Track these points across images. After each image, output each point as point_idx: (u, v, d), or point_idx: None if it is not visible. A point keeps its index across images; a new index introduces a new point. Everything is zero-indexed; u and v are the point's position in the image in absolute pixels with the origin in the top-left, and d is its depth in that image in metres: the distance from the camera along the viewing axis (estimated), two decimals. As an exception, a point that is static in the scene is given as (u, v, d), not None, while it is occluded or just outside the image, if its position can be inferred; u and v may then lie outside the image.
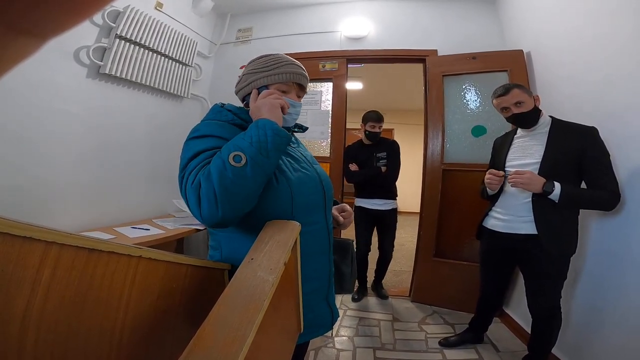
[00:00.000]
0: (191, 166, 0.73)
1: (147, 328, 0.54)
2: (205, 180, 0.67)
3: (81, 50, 1.82)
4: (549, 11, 2.02)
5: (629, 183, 1.38)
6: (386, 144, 2.54)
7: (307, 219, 0.83)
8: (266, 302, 0.49)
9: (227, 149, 0.70)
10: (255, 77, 0.87)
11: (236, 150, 0.69)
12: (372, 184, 2.48)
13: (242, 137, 0.72)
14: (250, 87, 0.87)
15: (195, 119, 2.81)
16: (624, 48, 1.44)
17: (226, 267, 0.80)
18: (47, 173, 1.68)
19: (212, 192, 0.66)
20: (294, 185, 0.82)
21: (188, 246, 2.61)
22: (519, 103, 1.47)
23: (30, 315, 0.35)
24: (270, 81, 0.86)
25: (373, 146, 2.53)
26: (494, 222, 1.62)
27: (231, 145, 0.71)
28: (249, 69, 0.89)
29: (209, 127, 0.80)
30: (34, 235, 0.36)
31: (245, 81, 0.88)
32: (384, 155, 2.48)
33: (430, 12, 2.75)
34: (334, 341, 1.98)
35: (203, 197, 0.67)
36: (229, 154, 0.69)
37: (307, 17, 2.94)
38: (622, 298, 1.38)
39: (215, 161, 0.69)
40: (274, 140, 0.73)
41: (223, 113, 0.86)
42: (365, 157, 2.52)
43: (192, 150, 0.75)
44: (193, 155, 0.74)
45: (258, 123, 0.74)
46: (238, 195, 0.68)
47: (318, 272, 0.90)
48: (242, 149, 0.69)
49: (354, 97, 5.71)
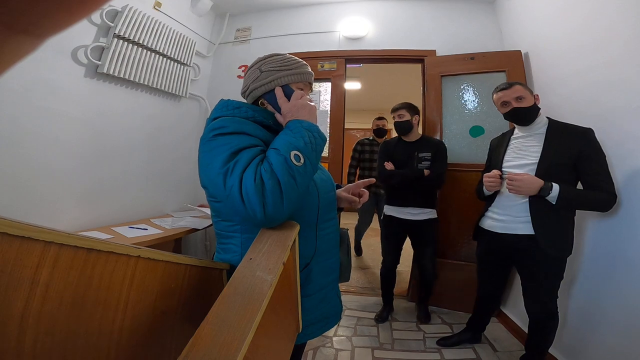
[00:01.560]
0: (241, 163, 0.69)
1: (146, 328, 0.53)
2: (270, 177, 0.67)
3: (79, 49, 1.81)
4: (547, 13, 2.02)
5: (625, 184, 1.39)
6: (431, 143, 2.13)
7: (327, 216, 0.90)
8: (265, 301, 0.49)
9: (286, 146, 0.71)
10: (278, 75, 0.86)
11: (295, 150, 0.71)
12: (409, 189, 2.10)
13: (294, 137, 0.74)
14: (273, 85, 0.86)
15: (194, 118, 2.81)
16: (622, 50, 1.45)
17: (225, 267, 0.80)
18: (44, 173, 1.67)
19: (279, 188, 0.67)
20: (319, 185, 0.86)
21: (186, 246, 2.61)
22: (520, 98, 1.48)
23: (28, 315, 0.35)
24: (293, 80, 0.87)
25: (415, 144, 2.14)
26: (491, 222, 1.62)
27: (287, 143, 0.72)
28: (268, 67, 0.87)
29: (238, 124, 0.77)
30: (33, 235, 0.36)
31: (266, 78, 0.87)
32: (428, 156, 2.07)
33: (429, 12, 2.75)
34: (332, 341, 1.98)
35: (268, 194, 0.66)
36: (290, 151, 0.70)
37: (306, 17, 2.94)
38: (618, 298, 1.38)
39: (276, 159, 0.69)
40: (318, 142, 0.77)
41: (242, 109, 0.83)
42: (405, 157, 2.13)
43: (230, 146, 0.71)
44: (235, 152, 0.71)
45: (303, 124, 0.77)
46: (298, 193, 0.70)
47: (334, 264, 0.96)
48: (299, 149, 0.72)
49: (353, 97, 5.72)
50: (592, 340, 1.48)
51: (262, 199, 0.66)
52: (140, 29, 2.05)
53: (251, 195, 0.65)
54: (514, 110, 1.50)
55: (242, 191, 0.66)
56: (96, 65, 1.89)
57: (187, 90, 2.57)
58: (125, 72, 2.02)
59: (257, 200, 0.65)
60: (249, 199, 0.65)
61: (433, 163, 2.06)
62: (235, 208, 0.68)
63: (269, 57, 0.90)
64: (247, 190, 0.66)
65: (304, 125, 0.76)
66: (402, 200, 2.16)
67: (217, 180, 0.69)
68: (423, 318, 2.22)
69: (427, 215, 2.11)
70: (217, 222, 0.85)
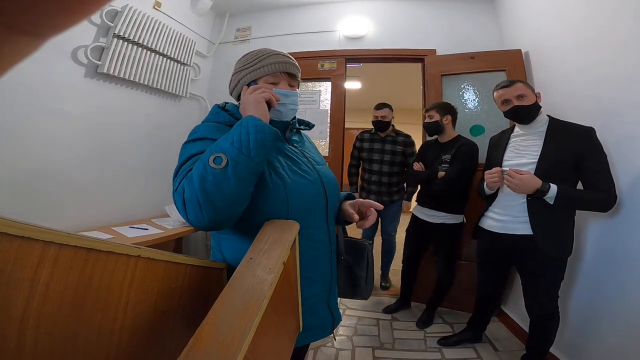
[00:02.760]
0: (181, 172, 0.72)
1: (146, 328, 0.53)
2: (188, 185, 0.67)
3: (79, 49, 1.81)
4: (547, 11, 2.02)
5: (626, 184, 1.39)
6: (456, 144, 2.01)
7: (309, 223, 0.82)
8: (265, 301, 0.49)
9: (210, 151, 0.69)
10: (241, 75, 0.86)
11: (217, 152, 0.67)
12: (428, 191, 2.09)
13: (225, 138, 0.70)
14: (240, 86, 0.86)
15: (194, 118, 2.81)
16: (622, 48, 1.44)
17: (225, 266, 0.80)
18: (44, 173, 1.67)
19: (195, 196, 0.65)
20: (290, 188, 0.79)
21: (187, 246, 2.61)
22: (521, 96, 1.47)
23: (28, 315, 0.35)
24: (257, 75, 0.84)
25: (444, 145, 2.08)
26: (491, 222, 1.62)
27: (213, 147, 0.69)
28: (235, 69, 0.89)
29: (205, 130, 0.79)
30: (32, 235, 0.36)
31: (234, 81, 0.89)
32: (448, 158, 1.99)
33: (429, 11, 2.75)
34: (333, 341, 1.98)
35: (187, 202, 0.66)
36: (210, 156, 0.67)
37: (306, 17, 2.94)
38: (619, 298, 1.38)
39: (197, 165, 0.68)
40: (256, 137, 0.69)
41: (220, 114, 0.85)
42: (432, 158, 2.10)
43: (184, 155, 0.75)
44: (184, 160, 0.74)
45: (242, 121, 0.72)
46: (221, 198, 0.65)
47: (324, 277, 0.88)
48: (224, 150, 0.67)
49: (353, 97, 5.72)
50: (594, 340, 1.48)
51: (184, 207, 0.67)
52: (140, 28, 2.05)
53: (176, 202, 0.69)
54: (515, 108, 1.49)
55: (174, 199, 0.70)
56: (96, 65, 1.89)
57: (187, 90, 2.57)
58: (126, 72, 2.02)
59: (181, 208, 0.68)
60: (177, 206, 0.69)
61: (450, 165, 1.98)
62: None
63: (241, 57, 0.90)
64: (175, 198, 0.70)
65: (242, 123, 0.71)
66: (422, 201, 2.17)
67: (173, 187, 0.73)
68: (422, 322, 2.18)
69: (442, 219, 2.04)
70: None
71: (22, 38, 0.13)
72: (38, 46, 0.14)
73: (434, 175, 1.99)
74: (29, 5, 0.11)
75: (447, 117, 2.06)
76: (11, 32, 0.12)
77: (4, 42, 0.12)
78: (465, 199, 2.08)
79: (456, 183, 1.94)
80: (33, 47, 0.14)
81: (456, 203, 2.04)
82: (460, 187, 1.98)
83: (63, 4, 0.12)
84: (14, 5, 0.11)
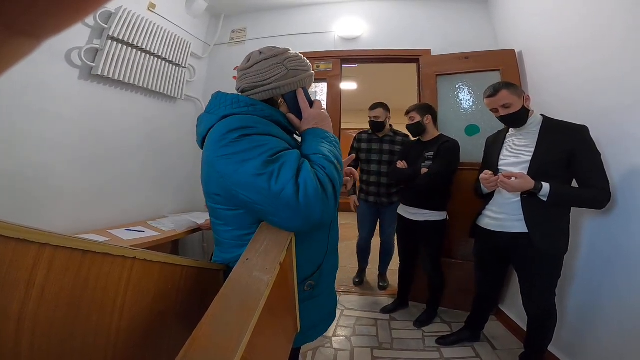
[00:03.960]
0: (290, 165, 0.65)
1: (143, 329, 0.53)
2: (329, 181, 0.68)
3: (73, 51, 1.80)
4: (540, 11, 2.04)
5: (621, 182, 1.40)
6: (439, 142, 2.07)
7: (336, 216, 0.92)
8: (262, 302, 0.49)
9: (330, 154, 0.74)
10: (303, 76, 0.85)
11: (336, 158, 0.75)
12: (411, 189, 2.11)
13: (331, 146, 0.77)
14: (297, 85, 0.84)
15: (190, 120, 2.80)
16: (615, 47, 1.46)
17: (222, 267, 0.80)
18: (38, 176, 1.66)
19: (334, 194, 0.69)
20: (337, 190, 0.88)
21: (183, 248, 2.60)
22: (506, 105, 1.49)
23: (25, 316, 0.35)
24: (310, 82, 0.89)
25: (426, 144, 2.13)
26: (488, 221, 1.63)
27: (329, 151, 0.75)
28: (294, 65, 0.83)
29: (263, 125, 0.72)
30: (27, 237, 0.36)
31: (294, 77, 0.83)
32: (431, 155, 2.04)
33: (424, 12, 2.77)
34: (332, 341, 1.98)
35: (329, 198, 0.67)
36: (334, 160, 0.73)
37: (301, 18, 2.95)
38: (614, 295, 1.39)
39: (328, 165, 0.71)
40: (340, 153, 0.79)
41: (258, 107, 0.78)
42: (415, 156, 2.15)
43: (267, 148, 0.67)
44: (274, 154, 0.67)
45: (330, 135, 0.81)
46: (337, 200, 0.71)
47: (337, 260, 0.98)
48: (338, 158, 0.75)
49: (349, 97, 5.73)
50: (591, 337, 1.49)
51: (323, 204, 0.65)
52: (135, 30, 2.04)
53: (312, 198, 0.63)
54: (502, 118, 1.53)
55: (301, 194, 0.62)
56: (90, 67, 1.88)
57: (182, 91, 2.57)
58: (120, 74, 2.01)
59: (318, 204, 0.64)
60: (309, 203, 0.63)
61: (433, 162, 2.02)
62: (281, 212, 0.64)
63: (287, 52, 0.85)
64: (308, 193, 0.63)
65: (331, 136, 0.81)
66: (405, 200, 2.21)
67: (256, 185, 0.64)
68: (420, 322, 2.18)
69: (425, 217, 2.08)
70: (226, 232, 0.79)
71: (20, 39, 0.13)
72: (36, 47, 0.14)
73: (417, 172, 2.04)
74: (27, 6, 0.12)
75: (427, 116, 2.12)
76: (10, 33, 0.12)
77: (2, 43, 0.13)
78: (448, 196, 2.12)
79: (439, 179, 1.99)
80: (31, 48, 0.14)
81: (438, 200, 2.08)
82: (443, 183, 2.03)
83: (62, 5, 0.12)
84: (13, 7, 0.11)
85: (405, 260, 2.33)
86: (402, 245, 2.32)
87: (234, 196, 0.69)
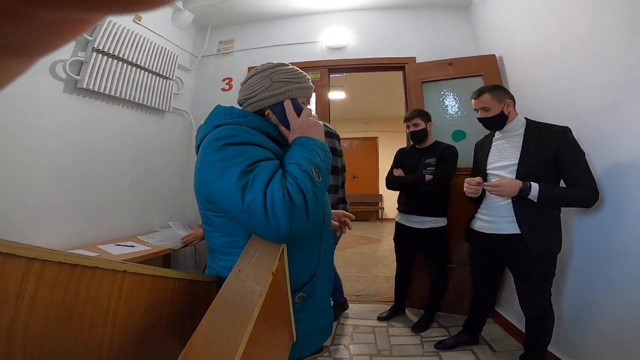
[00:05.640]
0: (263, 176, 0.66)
1: (135, 342, 0.52)
2: (297, 192, 0.66)
3: (57, 64, 1.78)
4: (519, 17, 2.12)
5: (606, 180, 1.44)
6: (439, 148, 2.10)
7: (329, 228, 0.92)
8: (255, 311, 0.48)
9: (306, 162, 0.71)
10: (290, 87, 0.84)
11: (314, 166, 0.72)
12: (414, 195, 2.13)
13: (311, 154, 0.74)
14: (284, 97, 0.84)
15: (178, 133, 2.78)
16: (592, 50, 1.52)
17: (214, 279, 0.79)
18: (23, 191, 1.62)
19: (304, 204, 0.66)
20: (325, 201, 0.88)
21: (175, 261, 2.55)
22: (485, 109, 1.56)
23: (15, 330, 0.35)
24: (301, 94, 0.86)
25: (424, 151, 2.15)
26: (480, 223, 1.66)
27: (306, 160, 0.72)
28: (280, 77, 0.85)
29: (248, 134, 0.74)
30: (15, 251, 0.35)
31: (278, 89, 0.84)
32: (433, 162, 2.06)
33: (408, 20, 2.84)
34: (330, 350, 1.96)
35: (297, 210, 0.64)
36: (311, 168, 0.71)
37: (288, 28, 2.99)
38: (608, 292, 1.42)
39: (301, 174, 0.69)
40: (328, 161, 0.78)
41: (249, 118, 0.80)
42: (414, 163, 2.16)
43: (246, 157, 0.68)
44: (252, 164, 0.68)
45: (316, 142, 0.78)
46: (315, 209, 0.69)
47: (331, 275, 0.97)
48: (318, 166, 0.73)
49: (338, 107, 5.80)
50: (589, 335, 1.51)
51: (290, 215, 0.63)
52: (120, 42, 2.03)
53: (278, 210, 0.63)
54: (479, 119, 1.61)
55: (267, 205, 0.63)
56: (75, 80, 1.86)
57: (170, 104, 2.55)
58: (106, 87, 1.99)
59: (285, 215, 0.63)
60: (276, 214, 0.63)
61: (436, 168, 2.04)
62: (253, 223, 0.64)
63: (278, 66, 0.87)
64: (275, 204, 0.63)
65: (316, 144, 0.77)
66: (407, 208, 2.18)
67: (232, 194, 0.65)
68: (418, 327, 2.18)
69: (430, 224, 2.09)
70: (216, 238, 0.80)
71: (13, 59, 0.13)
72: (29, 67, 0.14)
73: (420, 178, 2.04)
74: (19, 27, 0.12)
75: (430, 123, 2.15)
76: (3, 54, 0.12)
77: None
78: (448, 202, 2.15)
79: (446, 183, 2.04)
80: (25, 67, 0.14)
81: (441, 206, 2.11)
82: (447, 188, 2.07)
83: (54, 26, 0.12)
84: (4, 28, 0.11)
85: (402, 266, 2.34)
86: (400, 252, 2.33)
87: (215, 202, 0.73)
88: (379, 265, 3.90)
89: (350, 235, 5.62)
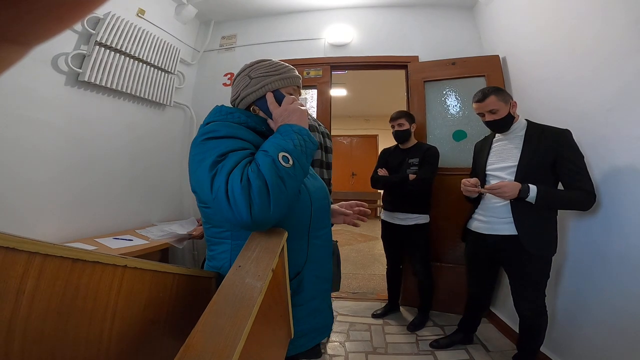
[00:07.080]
0: (228, 165, 0.67)
1: (135, 337, 0.52)
2: (256, 178, 0.65)
3: (59, 57, 1.77)
4: (523, 18, 2.11)
5: (603, 183, 1.44)
6: (421, 149, 2.20)
7: (320, 224, 0.89)
8: (255, 308, 0.49)
9: (274, 148, 0.70)
10: (268, 81, 0.86)
11: (283, 151, 0.70)
12: (398, 193, 2.20)
13: (283, 140, 0.73)
14: (263, 91, 0.85)
15: (179, 127, 2.78)
16: (594, 52, 1.52)
17: (213, 275, 0.79)
18: (23, 184, 1.62)
19: (266, 190, 0.64)
20: (312, 192, 0.85)
21: (173, 256, 2.55)
22: (492, 111, 1.54)
23: (15, 325, 0.35)
24: (282, 84, 0.87)
25: (408, 151, 2.24)
26: (477, 224, 1.66)
27: (275, 145, 0.71)
28: (258, 73, 0.87)
29: (229, 128, 0.76)
30: (16, 245, 0.35)
31: (256, 85, 0.86)
32: (416, 162, 2.16)
33: (412, 19, 2.83)
34: (326, 347, 1.97)
35: (255, 195, 0.63)
36: (278, 153, 0.69)
37: (291, 24, 2.97)
38: (602, 295, 1.43)
39: (263, 160, 0.68)
40: (309, 145, 0.76)
41: (235, 115, 0.83)
42: (397, 163, 2.25)
43: (218, 149, 0.70)
44: (223, 154, 0.69)
45: (293, 128, 0.76)
46: (287, 195, 0.68)
47: (327, 275, 0.94)
48: (288, 151, 0.70)
49: (339, 104, 5.78)
50: (581, 337, 1.52)
51: (249, 200, 0.63)
52: (123, 36, 2.02)
53: (237, 196, 0.63)
54: (488, 123, 1.58)
55: (228, 192, 0.64)
56: (77, 74, 1.85)
57: (171, 98, 2.54)
58: (108, 81, 1.98)
59: (244, 202, 0.63)
60: (235, 201, 0.63)
61: (419, 168, 2.13)
62: (222, 211, 0.65)
63: (257, 63, 0.89)
64: (234, 191, 0.63)
65: (293, 129, 0.76)
66: (392, 206, 2.26)
67: (204, 184, 0.68)
68: (413, 325, 2.20)
69: (414, 221, 2.18)
70: (207, 229, 0.84)
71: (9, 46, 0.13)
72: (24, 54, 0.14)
73: (404, 178, 2.13)
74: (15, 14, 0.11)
75: (413, 124, 2.24)
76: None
77: None
78: (430, 199, 2.24)
79: (429, 182, 2.14)
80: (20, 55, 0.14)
81: (424, 204, 2.20)
82: (430, 186, 2.17)
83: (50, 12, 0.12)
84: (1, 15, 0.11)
85: (392, 264, 2.40)
86: (389, 250, 2.40)
87: (197, 193, 0.77)
88: (376, 262, 3.91)
89: (348, 233, 5.63)
